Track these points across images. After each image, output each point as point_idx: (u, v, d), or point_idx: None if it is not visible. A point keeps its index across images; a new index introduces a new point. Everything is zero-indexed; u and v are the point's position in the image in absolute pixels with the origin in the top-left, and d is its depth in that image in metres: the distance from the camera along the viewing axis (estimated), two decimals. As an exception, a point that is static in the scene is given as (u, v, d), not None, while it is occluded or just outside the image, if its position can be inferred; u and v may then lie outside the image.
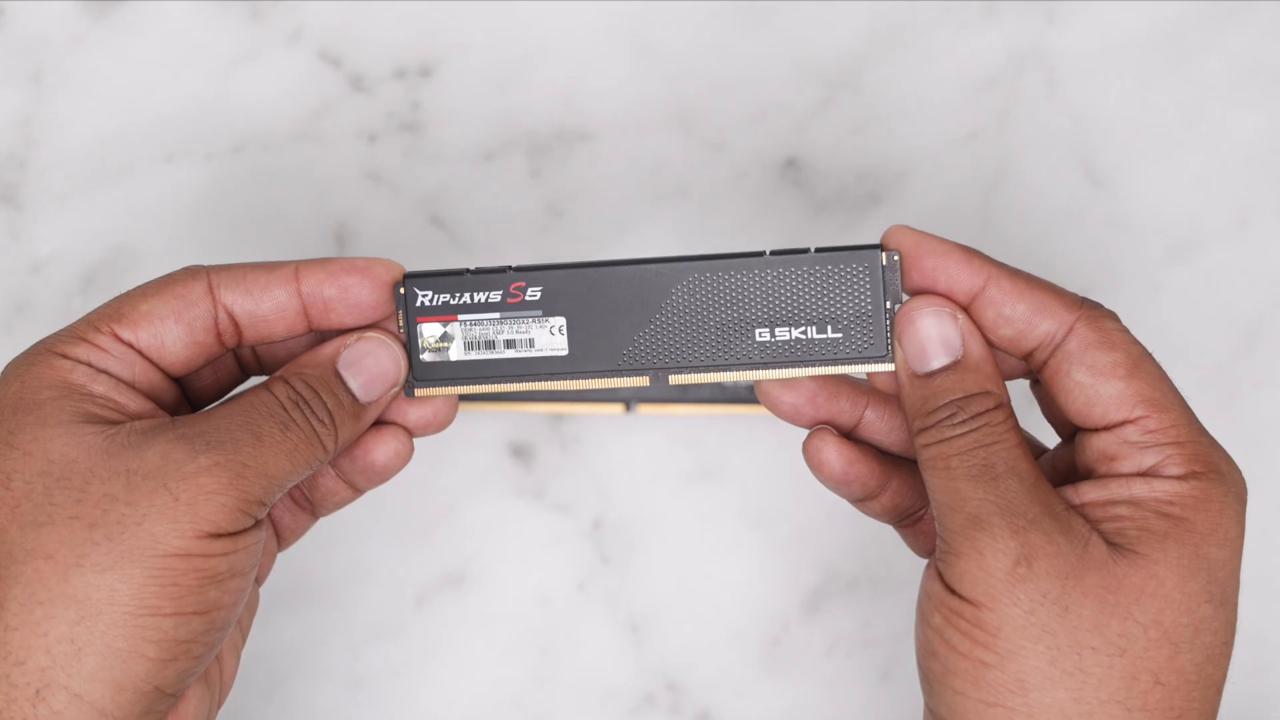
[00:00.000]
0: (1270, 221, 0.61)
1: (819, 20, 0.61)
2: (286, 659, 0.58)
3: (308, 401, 0.43)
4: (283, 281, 0.44)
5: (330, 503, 0.47)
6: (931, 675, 0.41)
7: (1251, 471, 0.60)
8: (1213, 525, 0.41)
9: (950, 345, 0.42)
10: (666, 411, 0.59)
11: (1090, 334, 0.42)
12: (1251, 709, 0.59)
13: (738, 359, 0.44)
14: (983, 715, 0.40)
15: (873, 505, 0.46)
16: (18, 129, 0.61)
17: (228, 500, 0.40)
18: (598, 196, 0.61)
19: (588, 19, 0.61)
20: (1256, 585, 0.60)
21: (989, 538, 0.40)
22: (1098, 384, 0.42)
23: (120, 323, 0.43)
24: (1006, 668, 0.40)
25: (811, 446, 0.45)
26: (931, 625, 0.41)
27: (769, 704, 0.58)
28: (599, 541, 0.59)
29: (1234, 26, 0.62)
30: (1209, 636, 0.41)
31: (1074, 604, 0.40)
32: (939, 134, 0.61)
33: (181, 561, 0.40)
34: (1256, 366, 0.60)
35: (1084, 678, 0.40)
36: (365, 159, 0.61)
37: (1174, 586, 0.40)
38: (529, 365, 0.45)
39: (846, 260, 0.43)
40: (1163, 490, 0.41)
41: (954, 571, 0.41)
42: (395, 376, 0.45)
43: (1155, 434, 0.41)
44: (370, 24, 0.61)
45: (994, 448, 0.41)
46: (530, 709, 0.58)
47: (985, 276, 0.42)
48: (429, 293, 0.45)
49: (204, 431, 0.41)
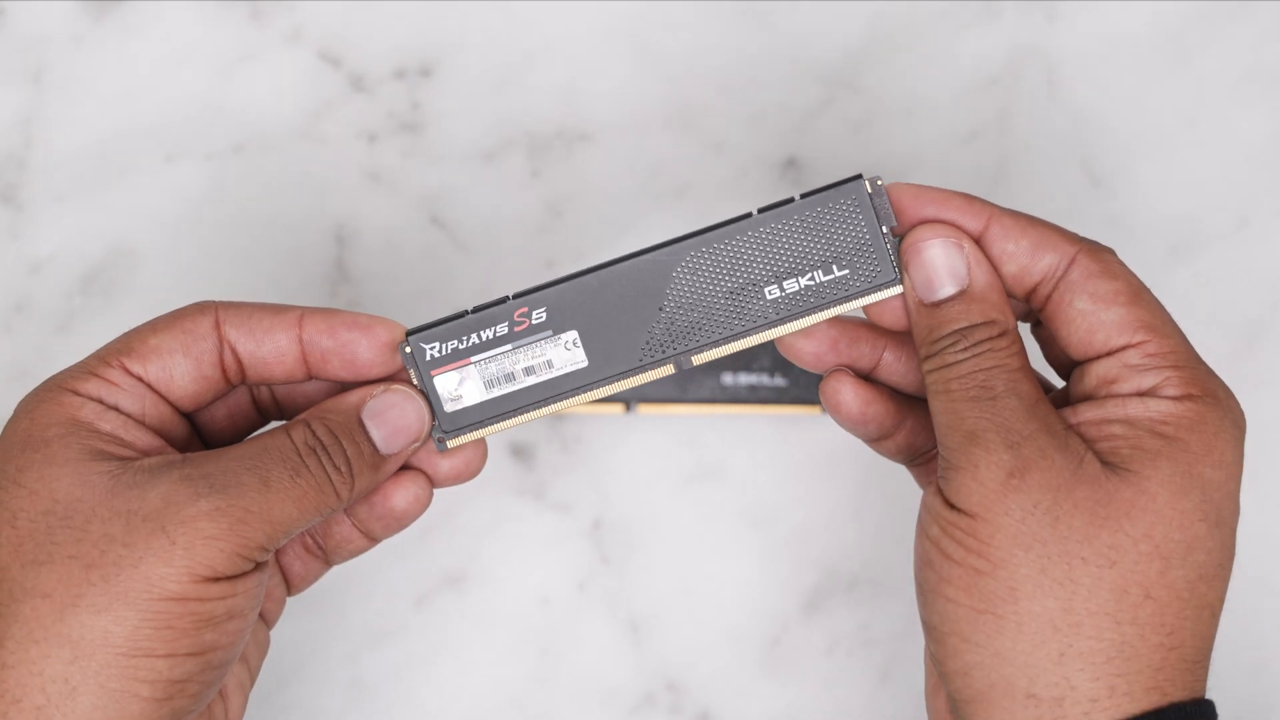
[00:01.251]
0: (1270, 221, 0.61)
1: (819, 20, 0.61)
2: (287, 660, 0.58)
3: (326, 448, 0.43)
4: (285, 327, 0.44)
5: (344, 551, 0.47)
6: (926, 585, 0.42)
7: (1252, 471, 0.60)
8: (1207, 446, 0.41)
9: (957, 274, 0.43)
10: (666, 411, 0.59)
11: (1092, 264, 0.43)
12: (1252, 709, 0.59)
13: (755, 322, 0.44)
14: (974, 622, 0.41)
15: (888, 445, 0.47)
16: (18, 129, 0.61)
17: (226, 545, 0.40)
18: (598, 196, 0.61)
19: (588, 19, 0.61)
20: (1257, 585, 0.60)
21: (984, 451, 0.41)
22: (1099, 310, 0.42)
23: (130, 356, 0.43)
24: (998, 575, 0.40)
25: (829, 388, 0.46)
26: (929, 537, 0.42)
27: (769, 704, 0.58)
28: (599, 541, 0.59)
29: (1234, 26, 0.62)
30: (1202, 555, 0.41)
31: (1064, 514, 0.40)
32: (939, 134, 0.61)
33: (176, 605, 0.40)
34: (1256, 366, 0.60)
35: (1074, 588, 0.40)
36: (365, 159, 0.61)
37: (1166, 502, 0.40)
38: (554, 386, 0.45)
39: (833, 198, 0.44)
40: (1158, 410, 0.41)
41: (951, 485, 0.41)
42: (418, 432, 0.44)
43: (1155, 357, 0.42)
44: (370, 24, 0.61)
45: (994, 371, 0.42)
46: (530, 709, 0.58)
47: (987, 216, 0.43)
48: (435, 344, 0.44)
49: (210, 474, 0.41)
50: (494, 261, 0.60)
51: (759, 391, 0.58)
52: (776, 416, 0.59)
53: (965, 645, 0.41)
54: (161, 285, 0.60)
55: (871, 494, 0.59)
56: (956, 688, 0.42)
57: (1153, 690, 0.40)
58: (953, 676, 0.41)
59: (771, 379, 0.58)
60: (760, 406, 0.58)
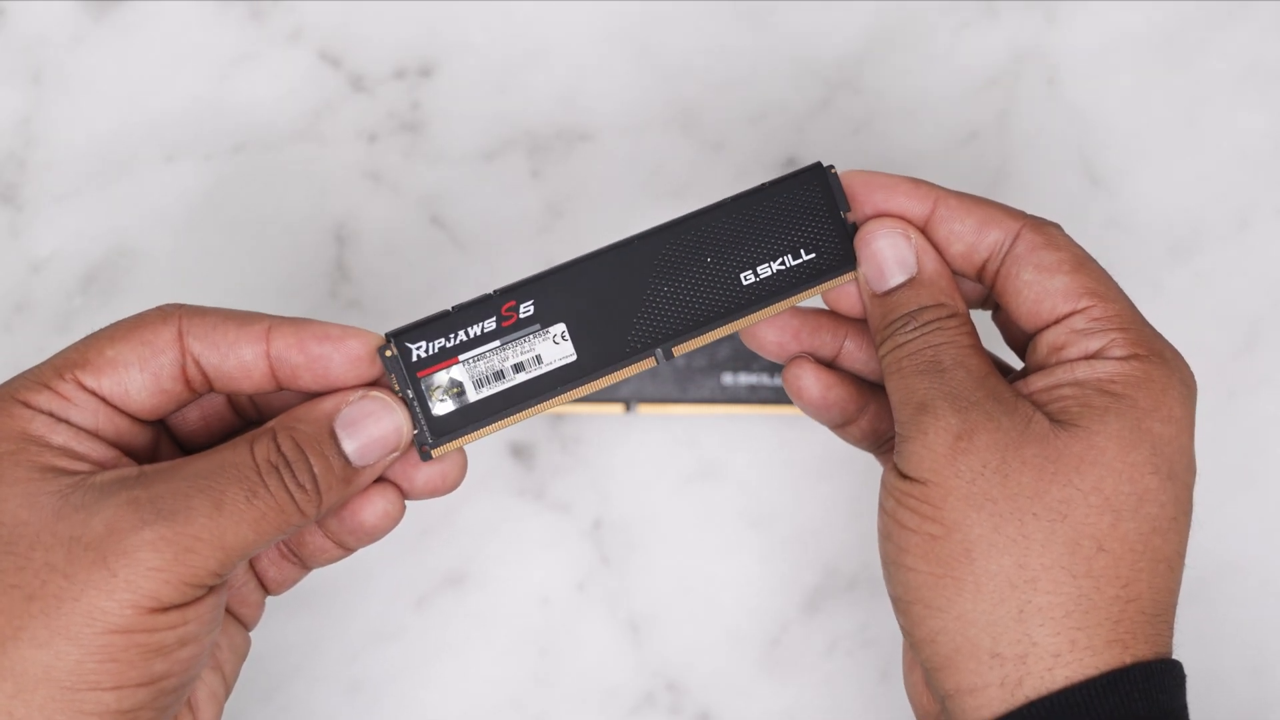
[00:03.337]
0: (1270, 221, 0.61)
1: (819, 20, 0.61)
2: (285, 661, 0.58)
3: (290, 464, 0.40)
4: (252, 340, 0.42)
5: (320, 559, 0.46)
6: (888, 558, 0.42)
7: (1251, 471, 0.60)
8: (1155, 402, 0.42)
9: (905, 263, 0.44)
10: (666, 411, 0.59)
11: (1035, 237, 0.44)
12: (1252, 709, 0.59)
13: (733, 307, 0.45)
14: (934, 588, 0.41)
15: (852, 430, 0.47)
16: (18, 129, 0.61)
17: (171, 576, 0.38)
18: (598, 196, 0.61)
19: (588, 19, 0.61)
20: (1257, 585, 0.60)
21: (932, 418, 0.42)
22: (1044, 280, 0.43)
23: (84, 369, 0.41)
24: (953, 538, 0.41)
25: (791, 374, 0.46)
26: (886, 510, 0.43)
27: (769, 704, 0.58)
28: (599, 541, 0.59)
29: (1234, 26, 0.62)
30: (1154, 508, 0.41)
31: (1013, 472, 0.41)
32: (939, 134, 0.61)
33: (121, 638, 0.38)
34: (1256, 366, 0.60)
35: (1026, 544, 0.40)
36: (365, 159, 0.61)
37: (1114, 456, 0.41)
38: (544, 383, 0.44)
39: (797, 185, 0.45)
40: (1104, 371, 0.42)
41: (903, 457, 0.42)
42: (395, 443, 0.42)
43: (1100, 320, 0.43)
44: (370, 24, 0.61)
45: (942, 346, 0.43)
46: (530, 709, 0.58)
47: (933, 199, 0.44)
48: (422, 343, 0.43)
49: (159, 496, 0.39)
50: (494, 261, 0.60)
51: (759, 391, 0.59)
52: (776, 416, 0.59)
53: (929, 612, 0.41)
54: (161, 285, 0.60)
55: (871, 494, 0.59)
56: (926, 656, 0.42)
57: (1114, 643, 0.40)
58: (921, 645, 0.42)
59: (771, 379, 0.58)
60: (760, 406, 0.58)
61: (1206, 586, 0.58)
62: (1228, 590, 0.59)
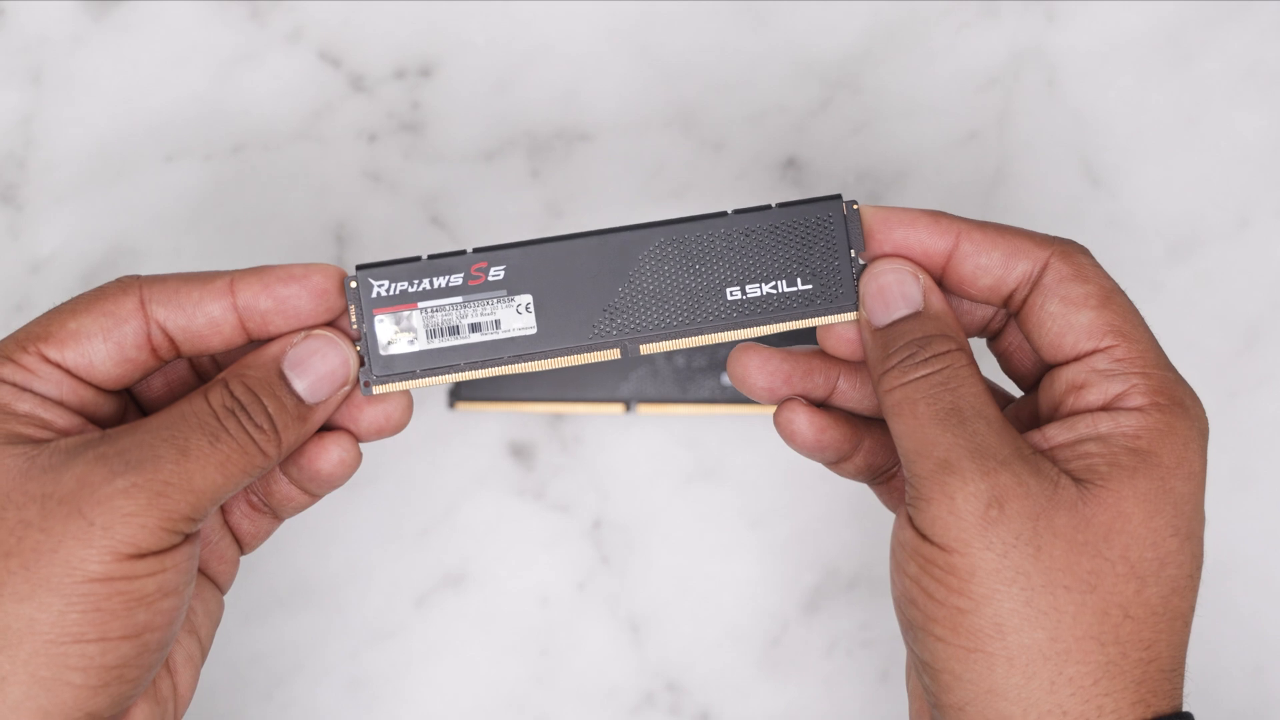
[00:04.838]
0: (1270, 221, 0.61)
1: (819, 20, 0.61)
2: (285, 659, 0.58)
3: (245, 407, 0.41)
4: (216, 295, 0.42)
5: (290, 507, 0.46)
6: (914, 623, 0.42)
7: (1252, 471, 0.60)
8: (1178, 459, 0.41)
9: (910, 299, 0.43)
10: (666, 411, 0.59)
11: (1064, 268, 0.43)
12: (1252, 709, 0.59)
13: (710, 321, 0.44)
14: (964, 661, 0.40)
15: (847, 467, 0.47)
16: (18, 129, 0.61)
17: (147, 520, 0.39)
18: (598, 196, 0.61)
19: (588, 19, 0.61)
20: (1257, 586, 0.60)
21: (959, 481, 0.40)
22: (1069, 314, 0.42)
23: (47, 342, 0.41)
24: (983, 613, 0.40)
25: (783, 418, 0.45)
26: (908, 574, 0.41)
27: (769, 704, 0.58)
28: (599, 541, 0.59)
29: (1234, 26, 0.62)
30: (1174, 570, 0.41)
31: (1046, 544, 0.40)
32: (939, 134, 0.61)
33: (103, 586, 0.39)
34: (1256, 366, 0.60)
35: (1059, 616, 0.40)
36: (365, 159, 0.61)
37: (1140, 522, 0.40)
38: (497, 348, 0.43)
39: (810, 212, 0.44)
40: (1128, 424, 0.41)
41: (925, 517, 0.41)
42: (344, 376, 0.43)
43: (1123, 362, 0.42)
44: (370, 24, 0.61)
45: (960, 390, 0.42)
46: (530, 709, 0.58)
47: (956, 233, 0.43)
48: (385, 283, 0.43)
49: (125, 449, 0.40)
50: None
51: (759, 391, 0.58)
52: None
53: (958, 683, 0.41)
54: (161, 285, 0.60)
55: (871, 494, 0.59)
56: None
57: (1137, 704, 0.40)
58: (948, 710, 0.41)
59: (771, 379, 0.58)
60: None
61: (1207, 586, 0.58)
62: (1228, 590, 0.59)
